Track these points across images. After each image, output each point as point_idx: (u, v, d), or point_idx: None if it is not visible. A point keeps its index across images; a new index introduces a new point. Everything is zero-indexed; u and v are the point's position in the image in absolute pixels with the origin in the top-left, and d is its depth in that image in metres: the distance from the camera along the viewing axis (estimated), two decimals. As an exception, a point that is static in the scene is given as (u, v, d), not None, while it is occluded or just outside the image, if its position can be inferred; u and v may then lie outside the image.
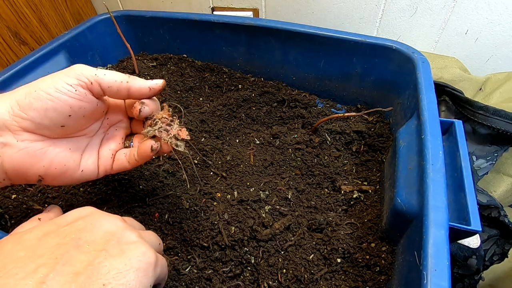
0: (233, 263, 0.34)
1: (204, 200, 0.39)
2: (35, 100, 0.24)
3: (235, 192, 0.40)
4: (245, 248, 0.35)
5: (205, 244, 0.35)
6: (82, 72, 0.26)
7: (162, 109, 0.31)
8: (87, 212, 0.24)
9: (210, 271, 0.34)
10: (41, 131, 0.26)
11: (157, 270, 0.23)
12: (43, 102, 0.24)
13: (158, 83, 0.28)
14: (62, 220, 0.23)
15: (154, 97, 0.30)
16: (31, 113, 0.24)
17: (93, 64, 0.59)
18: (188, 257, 0.35)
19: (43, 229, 0.22)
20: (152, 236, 0.27)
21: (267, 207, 0.38)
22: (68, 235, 0.21)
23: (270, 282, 0.33)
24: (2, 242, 0.21)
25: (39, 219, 0.25)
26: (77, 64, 0.27)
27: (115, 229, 0.23)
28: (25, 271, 0.18)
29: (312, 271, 0.34)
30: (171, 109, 0.31)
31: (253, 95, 0.55)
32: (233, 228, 0.36)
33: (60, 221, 0.23)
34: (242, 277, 0.34)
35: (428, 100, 0.36)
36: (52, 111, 0.25)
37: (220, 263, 0.34)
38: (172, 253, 0.35)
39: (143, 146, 0.29)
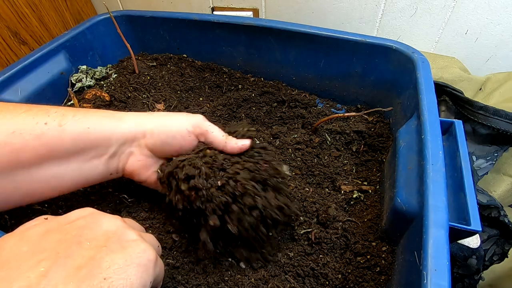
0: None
1: None
2: (163, 134, 0.33)
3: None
4: None
5: None
6: (200, 124, 0.33)
7: None
8: (87, 212, 0.24)
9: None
10: (155, 152, 0.34)
11: (157, 269, 0.23)
12: (167, 138, 0.33)
13: (246, 143, 0.33)
14: (64, 219, 0.23)
15: None
16: (157, 140, 0.33)
17: (93, 64, 0.59)
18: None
19: (45, 226, 0.22)
20: (151, 238, 0.27)
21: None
22: (70, 232, 0.21)
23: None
24: (5, 238, 0.21)
25: (45, 218, 0.25)
26: (199, 115, 0.34)
27: (115, 228, 0.23)
28: (28, 264, 0.18)
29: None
30: None
31: (253, 95, 0.55)
32: None
33: (61, 219, 0.23)
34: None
35: (428, 100, 0.36)
36: (169, 145, 0.33)
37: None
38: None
39: None
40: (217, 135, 0.33)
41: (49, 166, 0.29)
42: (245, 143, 0.33)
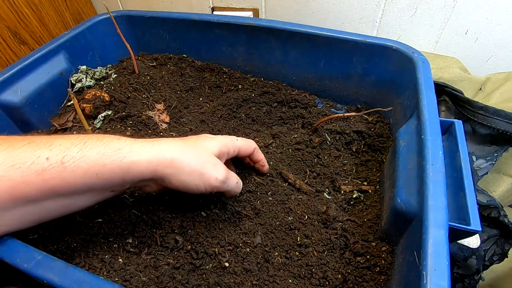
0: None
1: None
2: (182, 184, 0.32)
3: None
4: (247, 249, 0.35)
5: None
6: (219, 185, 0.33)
7: None
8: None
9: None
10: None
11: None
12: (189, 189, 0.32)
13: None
14: None
15: None
16: (175, 186, 0.32)
17: (93, 64, 0.59)
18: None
19: None
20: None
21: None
22: None
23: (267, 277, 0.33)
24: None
25: None
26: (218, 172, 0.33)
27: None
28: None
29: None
30: None
31: (253, 95, 0.55)
32: None
33: None
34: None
35: (428, 100, 0.36)
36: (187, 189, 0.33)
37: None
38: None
39: None
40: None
41: (57, 200, 0.28)
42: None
